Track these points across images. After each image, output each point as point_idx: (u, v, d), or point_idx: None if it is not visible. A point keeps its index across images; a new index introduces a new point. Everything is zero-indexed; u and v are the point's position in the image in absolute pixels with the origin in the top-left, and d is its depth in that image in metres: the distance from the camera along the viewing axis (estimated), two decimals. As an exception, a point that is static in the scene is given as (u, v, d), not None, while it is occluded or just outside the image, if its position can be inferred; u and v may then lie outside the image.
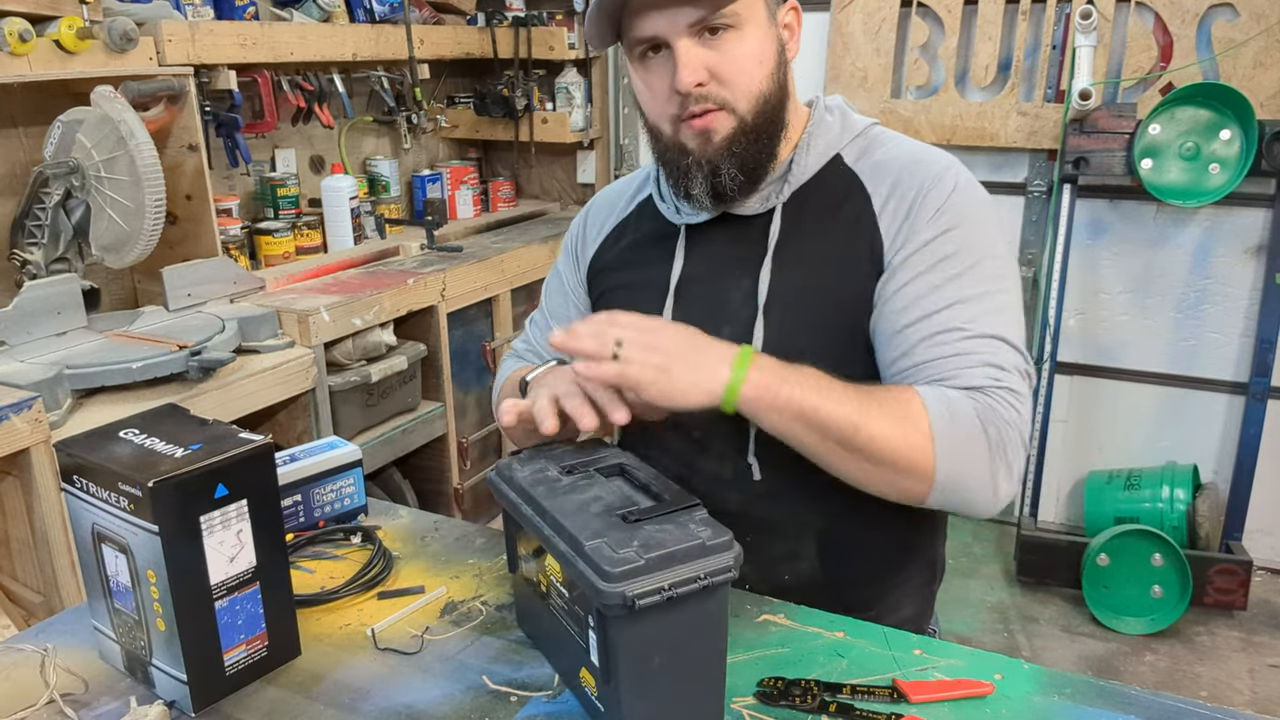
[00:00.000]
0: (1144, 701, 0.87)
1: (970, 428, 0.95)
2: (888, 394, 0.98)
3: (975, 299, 1.00)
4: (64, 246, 1.98)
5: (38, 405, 1.59)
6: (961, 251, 1.02)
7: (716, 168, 1.06)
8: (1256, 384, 2.58)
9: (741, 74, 1.03)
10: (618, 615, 0.75)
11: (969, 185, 1.07)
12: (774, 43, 1.06)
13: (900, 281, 1.03)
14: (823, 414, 0.93)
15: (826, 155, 1.11)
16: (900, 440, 0.94)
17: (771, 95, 1.06)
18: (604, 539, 0.79)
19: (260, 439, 0.89)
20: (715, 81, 1.03)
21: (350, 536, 1.20)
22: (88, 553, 0.91)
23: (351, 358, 2.25)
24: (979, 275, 1.01)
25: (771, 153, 1.09)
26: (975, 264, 1.02)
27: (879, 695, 0.88)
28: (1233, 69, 2.47)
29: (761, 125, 1.06)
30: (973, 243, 1.03)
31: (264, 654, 0.93)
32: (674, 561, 0.77)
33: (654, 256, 1.18)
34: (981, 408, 0.96)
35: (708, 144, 1.06)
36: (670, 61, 1.03)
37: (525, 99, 3.11)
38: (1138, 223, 2.70)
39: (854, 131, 1.13)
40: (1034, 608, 2.59)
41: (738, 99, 1.04)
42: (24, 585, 1.75)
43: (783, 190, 1.11)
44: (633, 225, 1.24)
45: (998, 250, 1.05)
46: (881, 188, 1.08)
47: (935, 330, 1.00)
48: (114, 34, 1.93)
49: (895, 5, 2.75)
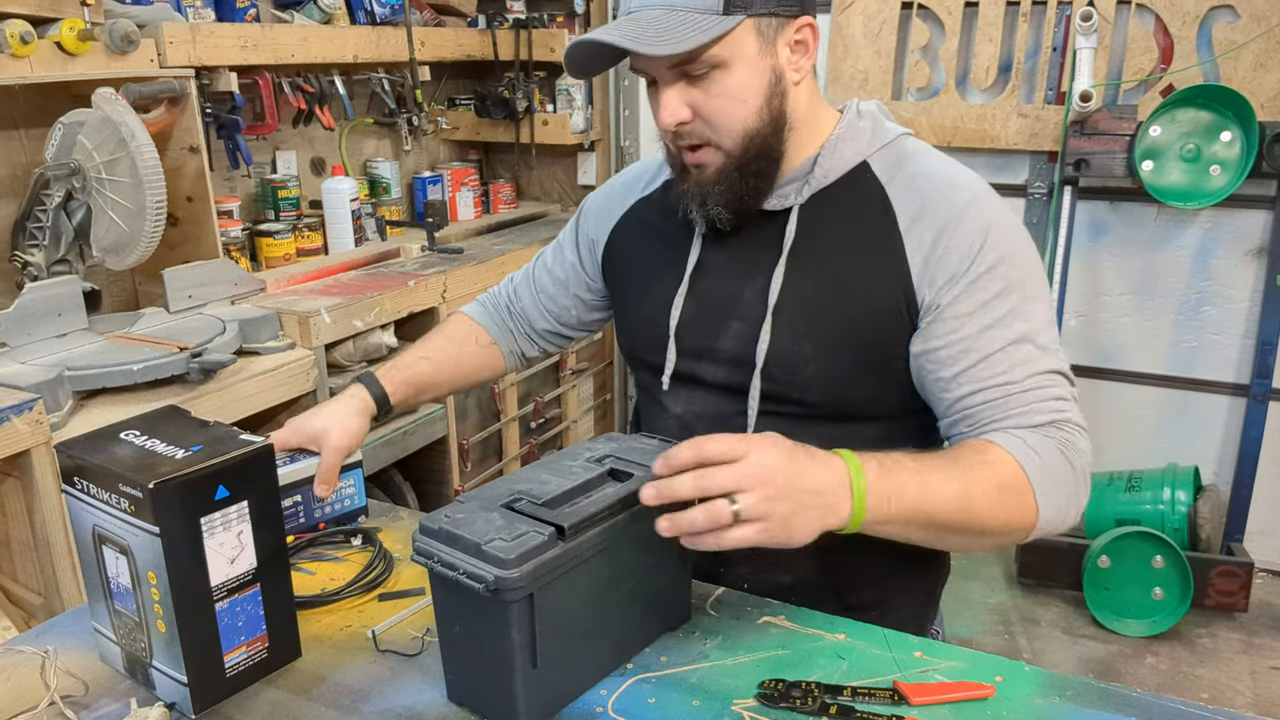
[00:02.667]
0: (1145, 703, 0.87)
1: (1060, 467, 0.97)
2: (978, 459, 0.96)
3: (1028, 335, 1.01)
4: (65, 248, 1.98)
5: (38, 407, 1.59)
6: (1010, 287, 1.01)
7: (705, 197, 1.07)
8: (1257, 386, 2.58)
9: (721, 113, 1.02)
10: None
11: (1000, 210, 1.06)
12: (765, 75, 1.03)
13: (952, 323, 1.02)
14: (933, 511, 0.92)
15: (853, 161, 1.10)
16: (1006, 509, 0.95)
17: (760, 130, 1.04)
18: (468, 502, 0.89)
19: (261, 440, 0.89)
20: (699, 120, 1.03)
21: (351, 538, 1.20)
22: (88, 554, 0.91)
23: (352, 359, 2.25)
24: (1027, 307, 1.02)
25: (763, 188, 1.08)
26: (1023, 297, 1.02)
27: (880, 697, 0.88)
28: (1233, 70, 2.47)
29: (749, 161, 1.05)
30: (1015, 273, 1.02)
31: (264, 655, 0.93)
32: (455, 544, 0.83)
33: (672, 240, 1.18)
34: (1060, 443, 0.98)
35: (699, 174, 1.07)
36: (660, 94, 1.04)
37: (526, 101, 3.12)
38: (1138, 224, 2.70)
39: (884, 140, 1.11)
40: (1035, 610, 2.59)
41: (722, 137, 1.04)
42: (24, 587, 1.75)
43: (803, 190, 1.10)
44: (657, 204, 1.24)
45: (1035, 271, 1.04)
46: (908, 207, 1.06)
47: (999, 372, 1.00)
48: (115, 36, 1.93)
49: (896, 7, 2.76)
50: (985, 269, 1.01)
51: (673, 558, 0.98)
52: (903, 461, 0.92)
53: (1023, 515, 0.96)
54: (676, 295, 1.15)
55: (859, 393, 1.08)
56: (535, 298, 1.40)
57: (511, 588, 0.79)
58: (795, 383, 1.08)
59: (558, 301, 1.38)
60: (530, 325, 1.42)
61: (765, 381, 1.09)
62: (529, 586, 0.80)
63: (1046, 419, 0.99)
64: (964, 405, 1.03)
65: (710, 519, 0.81)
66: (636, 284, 1.24)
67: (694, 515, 0.82)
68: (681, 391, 1.17)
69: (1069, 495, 0.98)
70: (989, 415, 1.01)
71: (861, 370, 1.07)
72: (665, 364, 1.16)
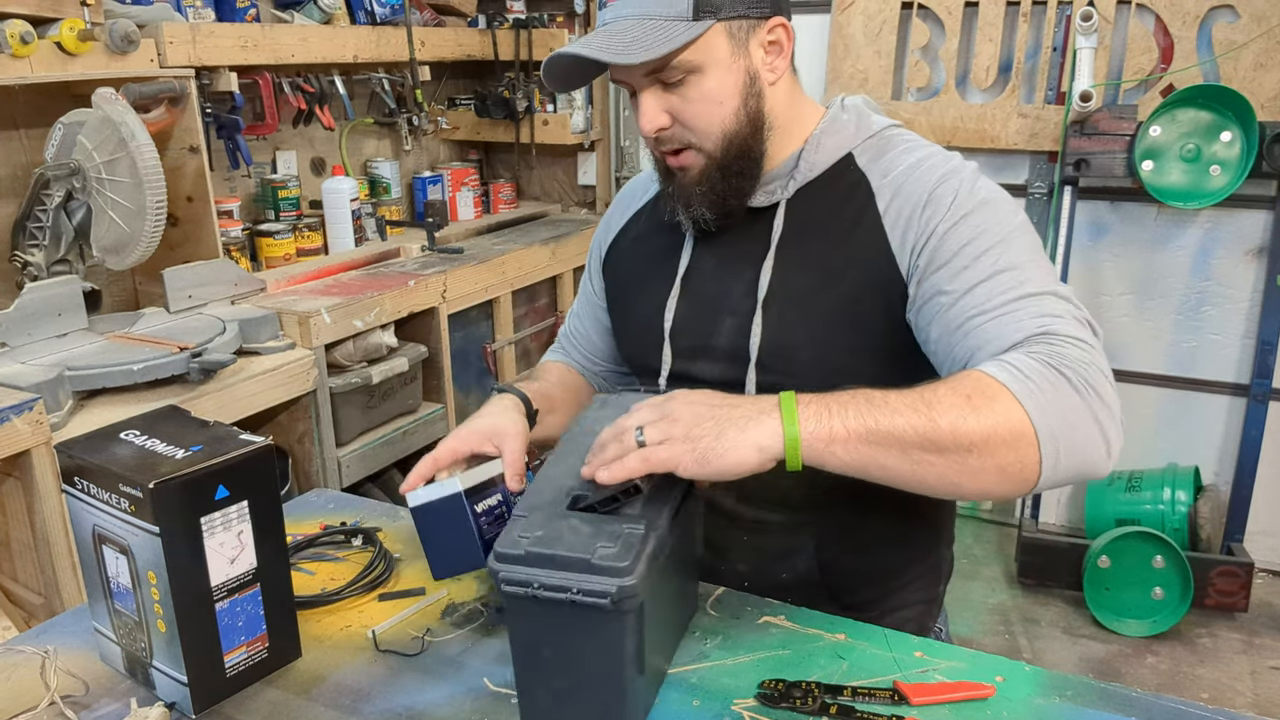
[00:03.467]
0: (1145, 703, 0.87)
1: (1046, 375, 0.85)
2: (943, 382, 0.87)
3: (1011, 267, 0.95)
4: (65, 248, 1.98)
5: (39, 407, 1.59)
6: (981, 235, 0.98)
7: (689, 200, 1.09)
8: (1257, 386, 2.58)
9: (700, 117, 1.04)
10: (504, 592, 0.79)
11: (977, 175, 1.05)
12: (738, 77, 1.05)
13: (934, 285, 0.99)
14: (891, 427, 0.82)
15: (837, 154, 1.11)
16: (985, 416, 0.82)
17: (739, 131, 1.06)
18: (531, 515, 0.82)
19: (261, 440, 0.89)
20: (678, 125, 1.05)
21: (351, 538, 1.20)
22: (88, 554, 0.91)
23: (352, 359, 2.25)
24: (1007, 246, 0.96)
25: (746, 188, 1.10)
26: (1001, 238, 0.97)
27: (880, 697, 0.88)
28: (1233, 71, 2.47)
29: (731, 161, 1.07)
30: (992, 224, 0.99)
31: (264, 655, 0.93)
32: (553, 565, 0.77)
33: (664, 246, 1.20)
34: (1044, 353, 0.87)
35: (683, 177, 1.09)
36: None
37: (526, 101, 3.12)
38: (1138, 224, 2.70)
39: (869, 132, 1.12)
40: (1035, 609, 2.59)
41: (702, 140, 1.06)
42: (25, 586, 1.75)
43: (788, 186, 1.11)
44: (648, 214, 1.26)
45: (1008, 214, 1.00)
46: (888, 189, 1.07)
47: (974, 305, 0.94)
48: (115, 36, 1.93)
49: (896, 7, 2.76)
50: (957, 219, 0.99)
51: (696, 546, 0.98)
52: (849, 391, 0.86)
53: (1007, 419, 0.82)
54: (669, 298, 1.16)
55: (854, 378, 1.06)
56: (582, 349, 1.39)
57: (631, 595, 0.75)
58: (790, 372, 1.08)
59: (598, 345, 1.37)
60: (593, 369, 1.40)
61: (760, 373, 1.09)
62: (644, 592, 0.77)
63: (1026, 334, 0.90)
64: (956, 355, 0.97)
65: (617, 448, 0.84)
66: (632, 293, 1.25)
67: (602, 438, 0.86)
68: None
69: (1067, 405, 0.85)
70: (974, 346, 0.93)
71: (854, 354, 1.07)
72: (661, 366, 1.17)
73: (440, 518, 1.00)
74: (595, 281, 1.34)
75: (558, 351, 1.42)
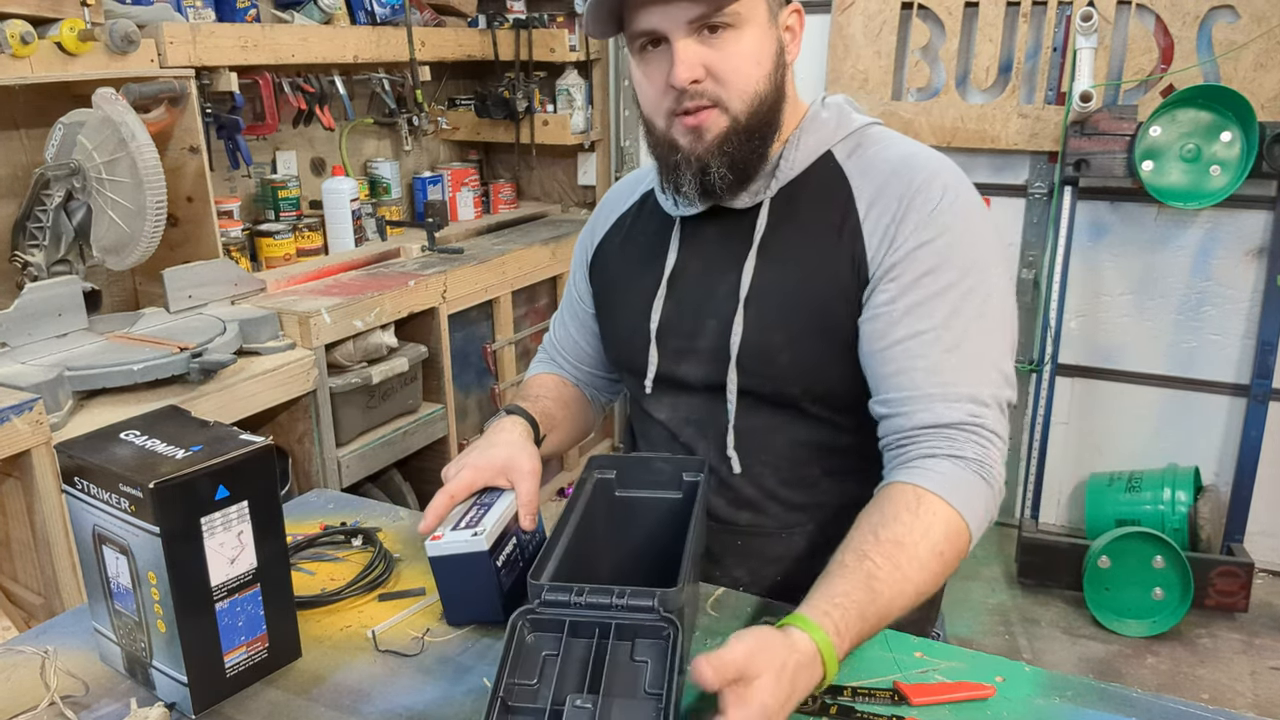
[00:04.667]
0: (1145, 704, 0.87)
1: (980, 494, 0.97)
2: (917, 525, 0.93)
3: (955, 313, 1.00)
4: (65, 248, 1.98)
5: (39, 407, 1.59)
6: (943, 266, 1.01)
7: (706, 165, 1.06)
8: (1258, 386, 2.57)
9: (737, 73, 1.03)
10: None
11: (958, 189, 1.05)
12: (773, 44, 1.05)
13: (885, 297, 1.02)
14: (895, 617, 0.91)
15: (817, 151, 1.11)
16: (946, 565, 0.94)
17: (767, 96, 1.05)
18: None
19: (261, 441, 0.89)
20: (711, 79, 1.03)
21: (351, 538, 1.20)
22: (88, 554, 0.91)
23: (352, 359, 2.25)
24: (962, 291, 1.00)
25: (763, 153, 1.08)
26: (959, 279, 1.01)
27: (880, 698, 0.88)
28: (1233, 71, 2.47)
29: (754, 126, 1.06)
30: (957, 256, 1.01)
31: (264, 656, 0.93)
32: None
33: (651, 249, 1.19)
34: (977, 465, 0.97)
35: (699, 141, 1.06)
36: (668, 55, 1.02)
37: (526, 101, 3.12)
38: (1139, 225, 2.70)
39: (848, 129, 1.12)
40: (1035, 610, 2.59)
41: (732, 98, 1.04)
42: (24, 587, 1.75)
43: (770, 185, 1.11)
44: (633, 217, 1.26)
45: (985, 259, 1.03)
46: (866, 188, 1.07)
47: (915, 357, 1.00)
48: (115, 36, 1.93)
49: (896, 7, 2.76)
50: (924, 241, 1.01)
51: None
52: (857, 600, 0.87)
53: (959, 553, 0.96)
54: (656, 299, 1.16)
55: (833, 382, 1.08)
56: (568, 356, 1.37)
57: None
58: (770, 374, 1.08)
59: (584, 350, 1.35)
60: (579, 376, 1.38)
61: (741, 375, 1.09)
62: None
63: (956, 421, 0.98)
64: (888, 387, 1.01)
65: None
66: (619, 295, 1.24)
67: None
68: (665, 398, 1.18)
69: (988, 509, 0.98)
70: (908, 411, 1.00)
71: (833, 358, 1.07)
72: (647, 368, 1.17)
73: (461, 569, 0.98)
74: (581, 285, 1.33)
75: (545, 363, 1.40)
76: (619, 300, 1.24)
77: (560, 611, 0.81)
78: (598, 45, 3.15)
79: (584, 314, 1.33)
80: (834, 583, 0.88)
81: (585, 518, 0.99)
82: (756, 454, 1.12)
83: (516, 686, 0.78)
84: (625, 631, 0.80)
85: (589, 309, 1.32)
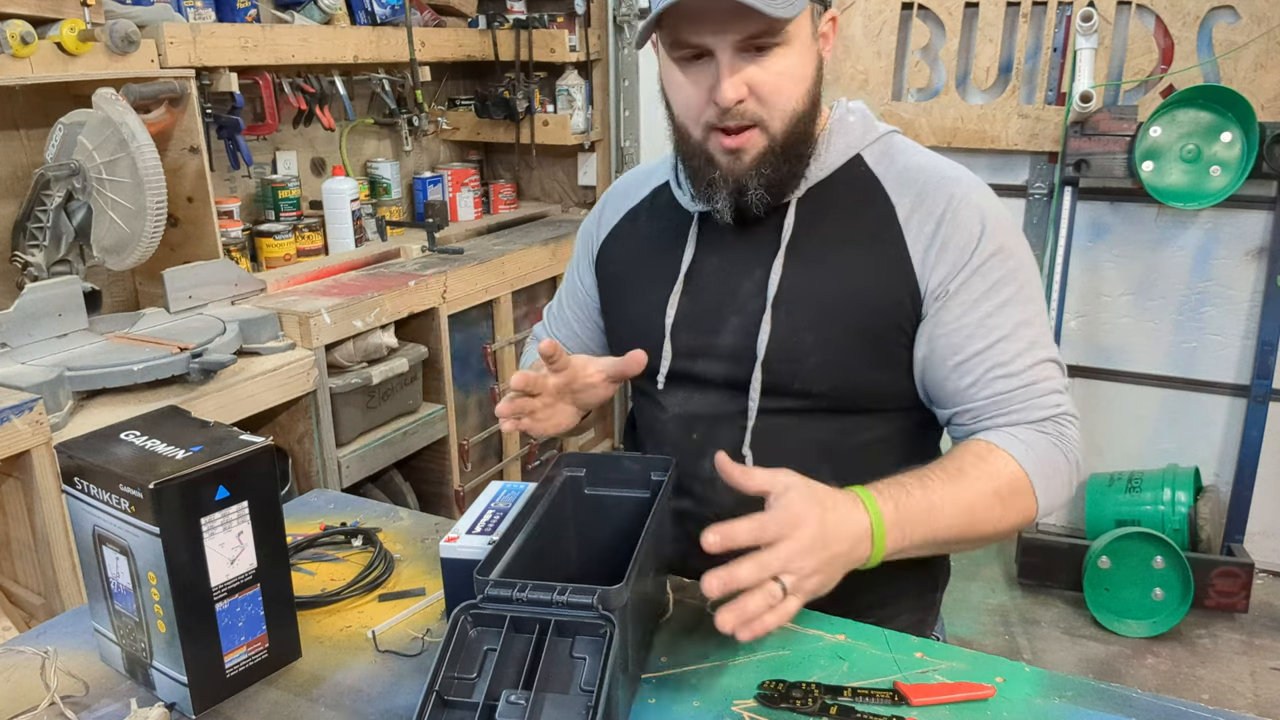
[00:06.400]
0: (1145, 704, 0.87)
1: (1056, 460, 1.02)
2: (981, 470, 0.99)
3: (1027, 322, 1.05)
4: (65, 248, 1.98)
5: (39, 407, 1.59)
6: (1008, 276, 1.05)
7: (744, 186, 1.06)
8: (1258, 386, 2.57)
9: (780, 93, 1.02)
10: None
11: (994, 202, 1.08)
12: (814, 58, 1.05)
13: (957, 310, 1.05)
14: (943, 534, 0.96)
15: (847, 154, 1.11)
16: (1008, 513, 0.99)
17: (806, 112, 1.05)
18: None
19: (261, 441, 0.89)
20: (754, 98, 1.02)
21: (351, 539, 1.20)
22: (88, 554, 0.91)
23: (352, 360, 2.25)
24: (1025, 296, 1.05)
25: (798, 170, 1.09)
26: (1021, 285, 1.05)
27: (880, 698, 0.88)
28: (1233, 71, 2.47)
29: (792, 144, 1.06)
30: (1013, 263, 1.05)
31: (264, 656, 0.93)
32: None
33: (665, 243, 1.19)
34: (1056, 438, 1.03)
35: (737, 162, 1.05)
36: (711, 69, 1.01)
37: (526, 101, 3.12)
38: (1139, 225, 2.70)
39: (875, 134, 1.13)
40: (1035, 610, 2.59)
41: (773, 117, 1.03)
42: (25, 587, 1.75)
43: (799, 185, 1.10)
44: (646, 210, 1.25)
45: (1028, 260, 1.08)
46: (905, 198, 1.08)
47: (1001, 361, 1.04)
48: (115, 36, 1.93)
49: (896, 7, 2.76)
50: (986, 257, 1.04)
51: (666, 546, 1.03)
52: (912, 491, 0.94)
53: (1022, 513, 1.01)
54: (671, 295, 1.15)
55: (862, 384, 1.09)
56: (562, 342, 1.36)
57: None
58: (798, 374, 1.08)
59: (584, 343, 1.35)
60: None
61: (766, 374, 1.09)
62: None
63: (1044, 414, 1.03)
64: (966, 398, 1.06)
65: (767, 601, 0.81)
66: (629, 290, 1.23)
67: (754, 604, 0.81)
68: (678, 392, 1.17)
69: (1063, 484, 1.03)
70: (990, 411, 1.05)
71: (865, 361, 1.08)
72: (660, 363, 1.16)
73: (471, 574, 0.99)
74: (586, 277, 1.32)
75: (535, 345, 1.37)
76: (630, 295, 1.23)
77: (502, 607, 0.81)
78: (598, 45, 3.15)
79: (587, 303, 1.32)
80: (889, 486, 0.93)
81: (554, 515, 0.99)
82: (769, 452, 1.11)
83: (456, 681, 0.79)
84: (566, 629, 0.80)
85: (593, 300, 1.31)
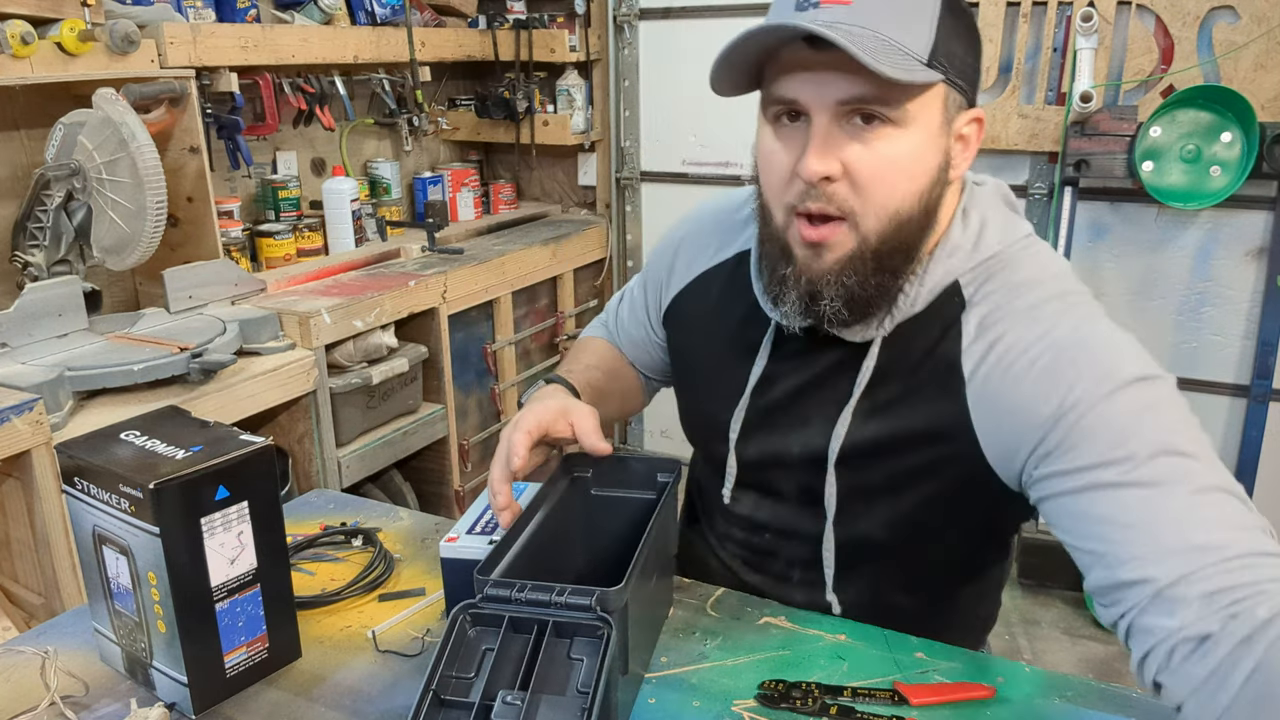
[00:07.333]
0: (1145, 704, 0.87)
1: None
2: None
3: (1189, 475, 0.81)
4: (65, 248, 1.98)
5: (39, 407, 1.59)
6: (1144, 416, 0.84)
7: (818, 292, 0.89)
8: (1258, 386, 2.57)
9: (881, 182, 0.84)
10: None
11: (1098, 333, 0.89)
12: (938, 156, 0.87)
13: (1069, 483, 0.81)
14: None
15: (944, 282, 0.92)
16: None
17: (911, 219, 0.87)
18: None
19: (261, 441, 0.89)
20: (847, 181, 0.84)
21: (351, 539, 1.20)
22: (88, 554, 0.91)
23: (352, 360, 2.25)
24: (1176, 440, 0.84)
25: (889, 290, 0.90)
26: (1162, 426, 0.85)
27: (880, 698, 0.88)
28: (1234, 71, 2.47)
29: (886, 253, 0.87)
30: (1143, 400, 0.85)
31: (265, 656, 0.93)
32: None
33: (738, 339, 1.04)
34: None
35: (816, 259, 0.88)
36: (804, 134, 0.85)
37: (526, 101, 3.12)
38: (1139, 225, 2.70)
39: (985, 254, 0.92)
40: (1035, 610, 2.59)
41: (866, 211, 0.85)
42: (25, 587, 1.75)
43: (885, 322, 0.93)
44: (721, 286, 1.08)
45: (1167, 394, 0.87)
46: (976, 346, 0.88)
47: (1172, 511, 0.79)
48: (116, 36, 1.93)
49: (896, 8, 2.75)
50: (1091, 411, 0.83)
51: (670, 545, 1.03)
52: None
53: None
54: (737, 409, 1.03)
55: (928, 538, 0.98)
56: (623, 343, 1.27)
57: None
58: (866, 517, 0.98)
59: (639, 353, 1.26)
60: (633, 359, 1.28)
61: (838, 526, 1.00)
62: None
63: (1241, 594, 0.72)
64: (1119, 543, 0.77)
65: None
66: (695, 377, 1.12)
67: None
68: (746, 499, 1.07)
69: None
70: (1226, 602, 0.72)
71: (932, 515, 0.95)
72: (726, 474, 1.06)
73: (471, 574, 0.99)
74: (653, 316, 1.19)
75: (603, 328, 1.29)
76: (695, 383, 1.13)
77: (501, 607, 0.81)
78: (598, 45, 3.15)
79: (648, 336, 1.22)
80: None
81: (558, 516, 0.99)
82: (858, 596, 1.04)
83: (453, 680, 0.79)
84: (565, 629, 0.80)
85: (660, 343, 1.21)
